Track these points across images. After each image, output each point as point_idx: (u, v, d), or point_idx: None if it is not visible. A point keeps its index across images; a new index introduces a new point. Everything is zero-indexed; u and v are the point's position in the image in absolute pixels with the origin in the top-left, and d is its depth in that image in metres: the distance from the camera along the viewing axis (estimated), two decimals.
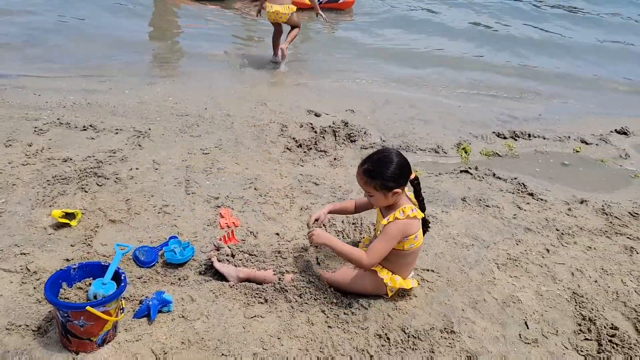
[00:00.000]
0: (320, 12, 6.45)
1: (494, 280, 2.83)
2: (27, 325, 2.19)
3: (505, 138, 4.78)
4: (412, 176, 2.50)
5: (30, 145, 3.69)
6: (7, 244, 2.68)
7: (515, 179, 4.00)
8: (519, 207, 3.58)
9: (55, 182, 3.28)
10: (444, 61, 7.09)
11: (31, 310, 2.28)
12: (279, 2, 6.06)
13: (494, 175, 4.03)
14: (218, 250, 2.69)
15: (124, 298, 2.36)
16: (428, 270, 2.85)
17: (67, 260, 2.62)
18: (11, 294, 2.36)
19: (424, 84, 6.21)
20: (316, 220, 2.68)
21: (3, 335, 2.13)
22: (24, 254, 2.63)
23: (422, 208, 2.58)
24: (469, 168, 4.10)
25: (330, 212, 2.80)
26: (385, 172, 2.37)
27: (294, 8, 6.16)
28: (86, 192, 3.22)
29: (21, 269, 2.51)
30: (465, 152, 4.45)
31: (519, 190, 3.83)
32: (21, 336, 2.14)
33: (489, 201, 3.61)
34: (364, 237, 2.92)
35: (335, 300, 2.51)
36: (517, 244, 3.17)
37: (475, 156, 4.45)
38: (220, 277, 2.60)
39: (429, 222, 2.73)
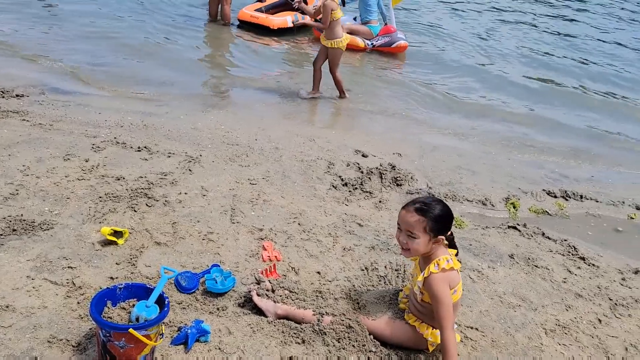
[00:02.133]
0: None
1: (541, 346, 2.69)
2: (68, 340, 2.21)
3: (555, 197, 4.64)
4: (449, 232, 2.45)
5: (87, 161, 3.81)
6: (56, 255, 2.74)
7: (565, 240, 3.85)
8: (570, 271, 3.43)
9: (107, 199, 3.36)
10: (497, 113, 7.00)
11: (73, 326, 2.30)
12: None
13: (543, 234, 3.89)
14: (259, 283, 2.67)
15: (164, 323, 2.35)
16: (472, 327, 2.74)
17: (112, 278, 2.65)
18: (55, 307, 2.39)
19: (473, 135, 6.13)
20: None
21: (44, 347, 2.16)
22: (71, 267, 2.68)
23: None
24: (517, 224, 3.98)
25: None
26: (438, 214, 2.35)
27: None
28: (135, 211, 3.28)
29: (67, 282, 2.56)
30: (514, 208, 4.33)
31: (569, 252, 3.68)
32: (61, 351, 2.16)
33: (538, 261, 3.47)
34: (405, 285, 2.84)
35: (374, 350, 2.43)
36: (567, 310, 3.02)
37: (524, 212, 4.32)
38: (258, 311, 2.57)
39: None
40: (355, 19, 8.83)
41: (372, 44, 8.62)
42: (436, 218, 2.34)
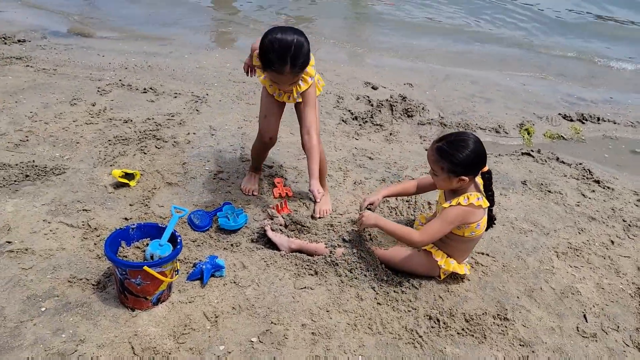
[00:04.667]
0: None
1: (552, 269, 2.71)
2: (88, 279, 2.28)
3: (571, 120, 4.53)
4: (485, 169, 2.39)
5: (94, 105, 3.79)
6: (70, 199, 2.78)
7: (580, 164, 3.79)
8: (583, 195, 3.40)
9: (116, 142, 3.37)
10: (508, 39, 6.75)
11: (91, 265, 2.36)
12: None
13: (557, 159, 3.84)
14: (272, 219, 2.69)
15: (179, 260, 2.40)
16: (483, 253, 2.76)
17: (126, 219, 2.70)
18: (73, 248, 2.45)
19: (486, 62, 5.94)
20: (370, 204, 2.64)
21: (65, 287, 2.23)
22: (86, 210, 2.72)
23: (492, 202, 2.44)
24: (531, 150, 3.91)
25: (387, 197, 2.74)
26: (457, 156, 2.27)
27: None
28: (145, 153, 3.28)
29: (83, 225, 2.61)
30: (528, 134, 4.25)
31: (584, 176, 3.63)
32: (82, 289, 2.23)
33: (551, 186, 3.44)
34: (420, 215, 2.85)
35: (385, 278, 2.47)
36: (580, 233, 3.02)
37: (539, 138, 4.24)
38: (271, 246, 2.61)
39: (495, 218, 2.59)
40: None
41: None
42: (455, 161, 2.27)
